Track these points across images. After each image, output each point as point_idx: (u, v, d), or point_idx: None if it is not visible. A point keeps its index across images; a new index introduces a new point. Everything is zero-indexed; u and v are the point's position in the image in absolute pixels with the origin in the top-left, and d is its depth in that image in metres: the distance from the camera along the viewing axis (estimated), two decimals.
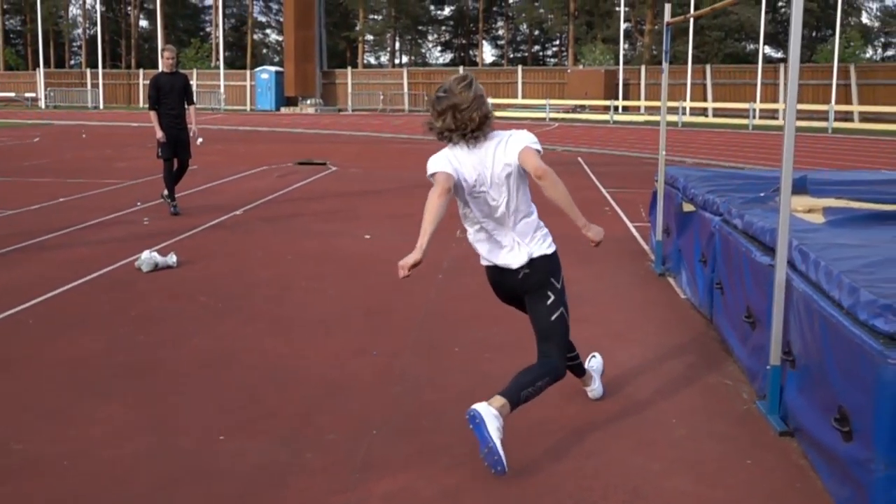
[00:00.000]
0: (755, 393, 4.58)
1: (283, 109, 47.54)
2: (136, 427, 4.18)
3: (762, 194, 5.90)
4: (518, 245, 3.96)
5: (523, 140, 3.83)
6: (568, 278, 7.43)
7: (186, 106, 10.83)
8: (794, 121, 4.10)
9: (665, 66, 7.66)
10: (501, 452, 3.44)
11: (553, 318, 3.95)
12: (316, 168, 17.22)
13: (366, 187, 14.15)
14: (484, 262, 4.16)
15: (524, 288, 4.00)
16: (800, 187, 6.28)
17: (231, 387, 4.76)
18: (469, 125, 3.83)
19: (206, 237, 9.45)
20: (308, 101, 47.61)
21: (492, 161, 3.86)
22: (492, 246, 4.06)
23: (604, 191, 13.74)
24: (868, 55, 61.62)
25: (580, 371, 4.44)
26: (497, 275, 4.09)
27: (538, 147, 3.84)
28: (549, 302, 3.96)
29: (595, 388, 4.55)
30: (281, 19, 58.40)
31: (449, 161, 3.91)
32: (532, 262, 3.95)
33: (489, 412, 3.53)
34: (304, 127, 33.00)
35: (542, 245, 4.01)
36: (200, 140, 11.27)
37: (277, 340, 5.64)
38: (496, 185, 3.88)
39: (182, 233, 9.55)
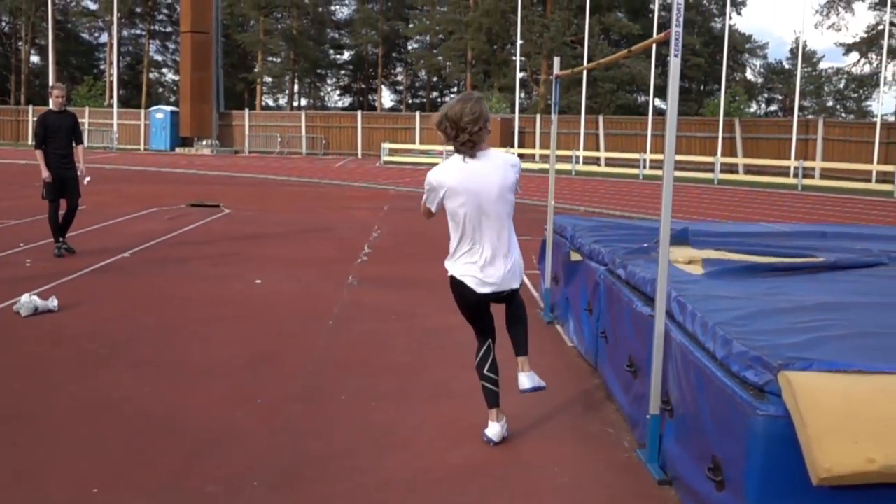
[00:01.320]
0: (636, 441, 4.66)
1: (179, 150, 46.78)
2: (1, 481, 4.01)
3: (645, 245, 6.04)
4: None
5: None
6: (456, 324, 7.46)
7: (75, 145, 10.58)
8: (672, 178, 4.22)
9: (554, 117, 7.83)
10: None
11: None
12: (208, 210, 16.97)
13: (258, 230, 14.01)
14: (461, 275, 4.61)
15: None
16: (681, 239, 6.46)
17: (109, 436, 4.62)
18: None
19: (91, 280, 9.20)
20: (204, 142, 46.96)
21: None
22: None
23: None
24: (752, 110, 64.09)
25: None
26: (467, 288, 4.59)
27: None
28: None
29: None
30: (178, 59, 57.64)
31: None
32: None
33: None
34: (199, 168, 32.56)
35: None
36: (88, 179, 10.99)
37: (160, 387, 5.50)
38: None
39: (66, 275, 9.28)
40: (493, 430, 4.64)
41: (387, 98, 75.96)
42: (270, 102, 72.77)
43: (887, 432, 2.80)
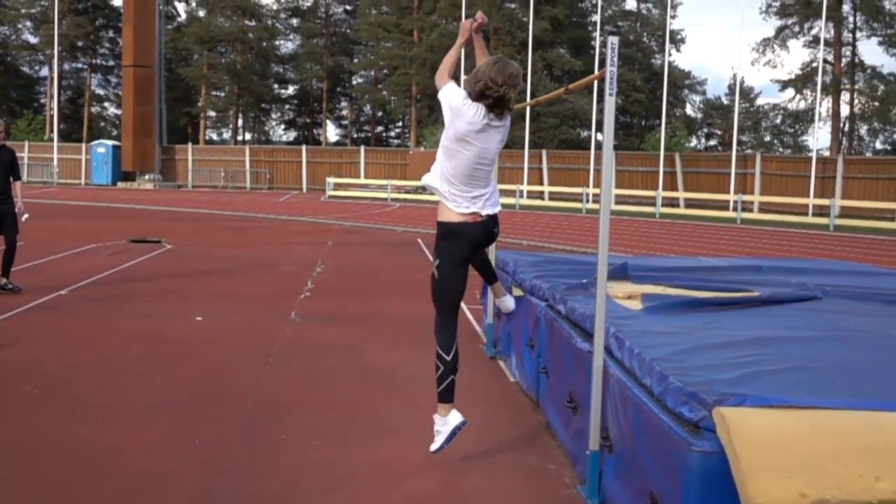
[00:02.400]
0: (577, 477, 4.67)
1: (120, 184, 46.30)
2: None
3: (585, 280, 6.09)
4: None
5: None
6: (399, 360, 7.46)
7: (12, 181, 10.41)
8: (609, 215, 4.27)
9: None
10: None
11: None
12: (150, 246, 16.77)
13: (201, 266, 13.87)
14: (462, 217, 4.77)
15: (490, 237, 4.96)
16: (621, 274, 6.53)
17: (40, 479, 4.51)
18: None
19: (27, 319, 9.02)
20: (146, 177, 46.55)
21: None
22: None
23: None
24: (692, 144, 65.22)
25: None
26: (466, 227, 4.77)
27: None
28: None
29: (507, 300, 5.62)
30: (120, 93, 57.10)
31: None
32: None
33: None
34: (141, 203, 32.22)
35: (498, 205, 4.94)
36: (26, 216, 10.80)
37: (95, 429, 5.39)
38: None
39: (0, 315, 9.09)
40: (455, 416, 4.78)
41: (332, 132, 76.07)
42: (214, 137, 72.41)
43: (818, 467, 2.83)
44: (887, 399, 3.27)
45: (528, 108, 33.97)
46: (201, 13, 67.47)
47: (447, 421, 4.77)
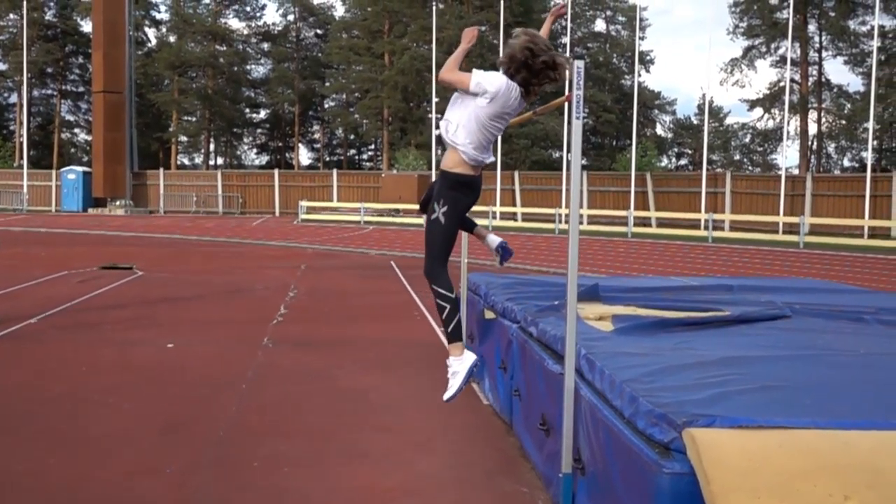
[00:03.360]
0: (551, 500, 4.66)
1: (91, 210, 46.02)
2: None
3: (556, 302, 6.09)
4: None
5: None
6: (372, 385, 7.44)
7: None
8: (577, 237, 4.28)
9: None
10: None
11: None
12: (121, 273, 16.64)
13: (172, 293, 13.77)
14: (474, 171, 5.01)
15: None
16: (592, 295, 6.55)
17: None
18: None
19: None
20: (117, 203, 46.29)
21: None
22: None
23: (414, 295, 13.90)
24: (663, 164, 65.72)
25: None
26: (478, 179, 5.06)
27: None
28: None
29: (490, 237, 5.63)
30: (90, 118, 56.87)
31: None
32: None
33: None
34: (113, 229, 32.02)
35: None
36: None
37: (63, 460, 5.32)
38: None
39: None
40: (470, 354, 4.97)
41: (304, 156, 76.06)
42: (186, 161, 72.18)
43: (788, 487, 2.84)
44: (856, 418, 3.29)
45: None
46: (172, 38, 67.44)
47: (463, 359, 4.91)
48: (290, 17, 71.26)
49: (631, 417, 3.52)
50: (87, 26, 61.43)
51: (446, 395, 4.90)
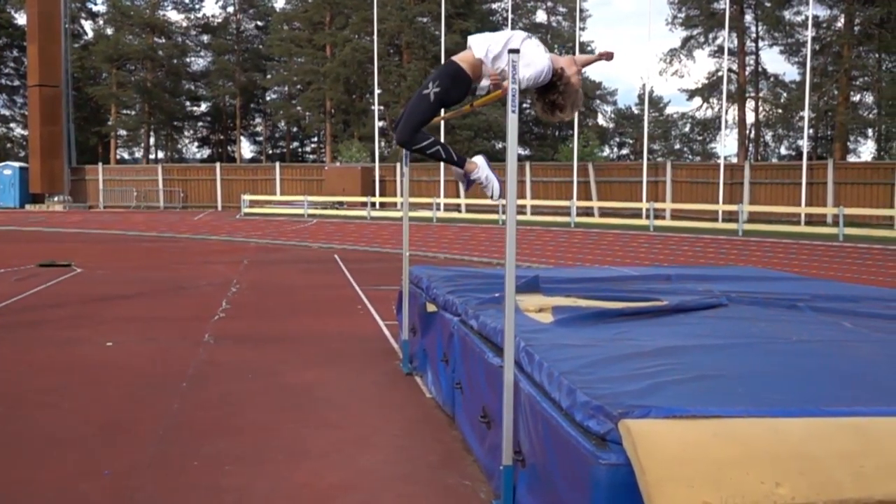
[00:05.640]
0: (493, 493, 4.68)
1: (29, 207, 45.12)
2: None
3: (497, 295, 6.11)
4: None
5: None
6: (315, 380, 7.41)
7: None
8: (515, 229, 4.29)
9: (406, 168, 7.97)
10: None
11: None
12: (59, 270, 16.36)
13: (112, 290, 13.58)
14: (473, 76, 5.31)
15: None
16: (532, 286, 6.59)
17: None
18: None
19: None
20: (56, 198, 45.44)
21: None
22: None
23: (357, 288, 13.87)
24: (605, 154, 66.24)
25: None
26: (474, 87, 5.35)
27: None
28: None
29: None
30: (26, 113, 55.62)
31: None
32: None
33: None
34: (51, 225, 31.47)
35: None
36: None
37: (1, 463, 5.22)
38: None
39: None
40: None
41: (246, 149, 75.28)
42: (126, 156, 71.06)
43: (721, 475, 2.88)
44: (788, 405, 3.35)
45: (441, 122, 34.13)
46: (109, 31, 66.27)
47: (478, 164, 5.51)
48: (230, 9, 70.45)
49: (569, 409, 3.55)
50: (21, 19, 60.09)
51: (496, 195, 5.50)
